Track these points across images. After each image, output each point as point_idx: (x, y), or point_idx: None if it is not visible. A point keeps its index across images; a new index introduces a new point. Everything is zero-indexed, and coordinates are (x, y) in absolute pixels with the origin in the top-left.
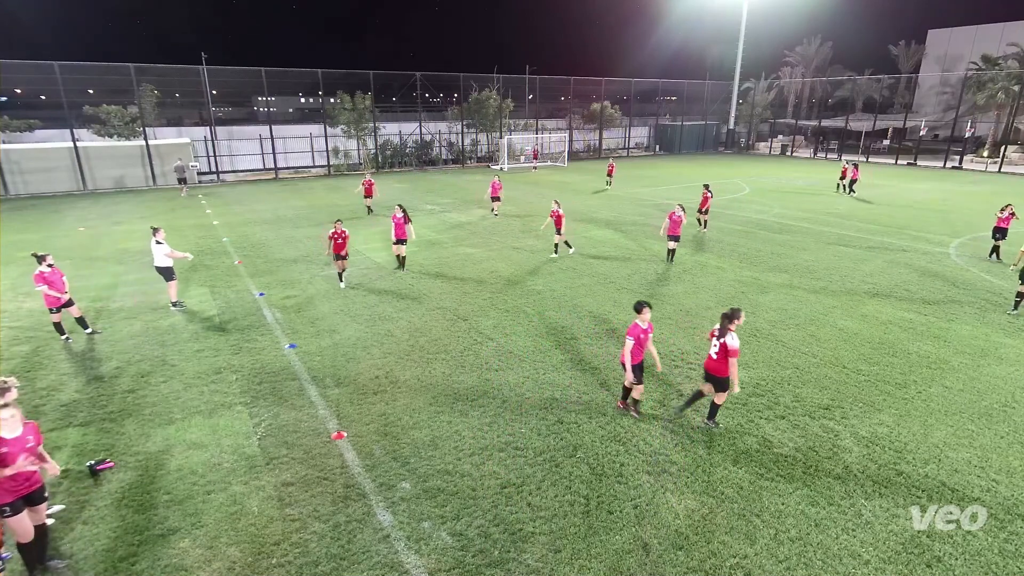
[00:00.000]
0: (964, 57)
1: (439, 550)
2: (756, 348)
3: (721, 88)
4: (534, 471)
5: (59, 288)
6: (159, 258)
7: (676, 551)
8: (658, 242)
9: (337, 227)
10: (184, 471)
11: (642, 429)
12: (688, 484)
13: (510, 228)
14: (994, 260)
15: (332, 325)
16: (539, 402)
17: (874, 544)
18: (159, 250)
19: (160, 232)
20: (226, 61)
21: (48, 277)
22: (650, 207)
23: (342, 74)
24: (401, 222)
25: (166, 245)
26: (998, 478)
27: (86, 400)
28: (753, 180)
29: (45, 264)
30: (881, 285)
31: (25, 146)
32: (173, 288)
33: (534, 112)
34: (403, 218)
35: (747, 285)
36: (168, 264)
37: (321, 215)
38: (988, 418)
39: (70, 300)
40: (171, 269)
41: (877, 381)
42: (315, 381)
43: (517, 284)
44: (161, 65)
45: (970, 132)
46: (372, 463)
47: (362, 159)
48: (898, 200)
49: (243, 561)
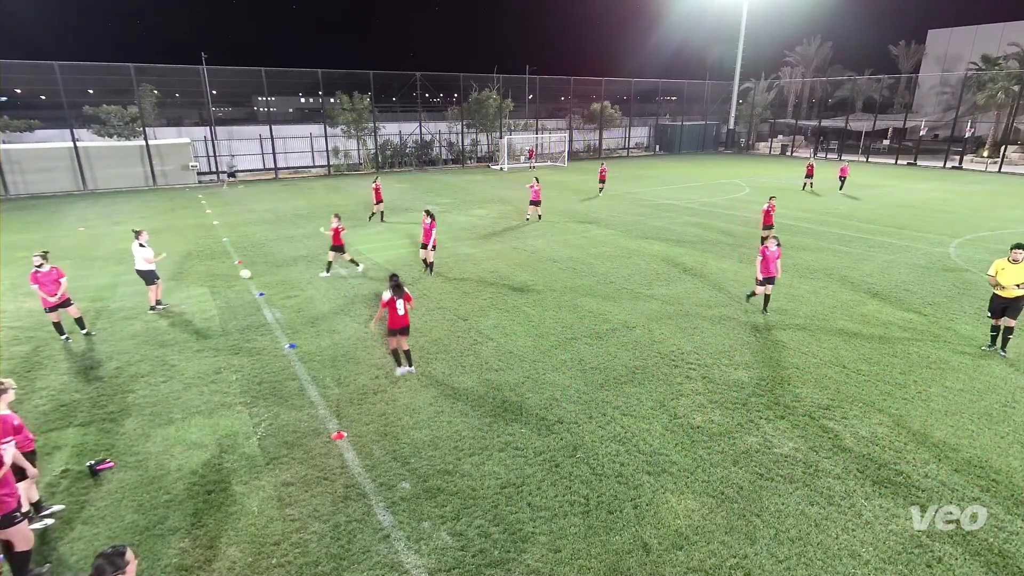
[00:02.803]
0: (964, 57)
1: (439, 550)
2: (756, 348)
3: (721, 88)
4: (534, 471)
5: (49, 291)
6: (140, 261)
7: (676, 551)
8: (658, 242)
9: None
10: (184, 471)
11: (642, 429)
12: (688, 484)
13: (510, 228)
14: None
15: (332, 325)
16: (539, 402)
17: (874, 544)
18: (141, 253)
19: (143, 235)
20: (226, 61)
21: (40, 278)
22: (650, 207)
23: (342, 74)
24: (429, 227)
25: (149, 249)
26: (998, 478)
27: (86, 400)
28: (753, 180)
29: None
30: (881, 285)
31: (25, 146)
32: (153, 291)
33: (534, 112)
34: (431, 223)
35: (748, 285)
36: (150, 267)
37: (321, 215)
38: (988, 418)
39: (68, 300)
40: (153, 272)
41: (877, 381)
42: (315, 381)
43: (517, 284)
44: (161, 65)
45: (970, 132)
46: (372, 463)
47: (362, 159)
48: (898, 200)
49: (243, 561)
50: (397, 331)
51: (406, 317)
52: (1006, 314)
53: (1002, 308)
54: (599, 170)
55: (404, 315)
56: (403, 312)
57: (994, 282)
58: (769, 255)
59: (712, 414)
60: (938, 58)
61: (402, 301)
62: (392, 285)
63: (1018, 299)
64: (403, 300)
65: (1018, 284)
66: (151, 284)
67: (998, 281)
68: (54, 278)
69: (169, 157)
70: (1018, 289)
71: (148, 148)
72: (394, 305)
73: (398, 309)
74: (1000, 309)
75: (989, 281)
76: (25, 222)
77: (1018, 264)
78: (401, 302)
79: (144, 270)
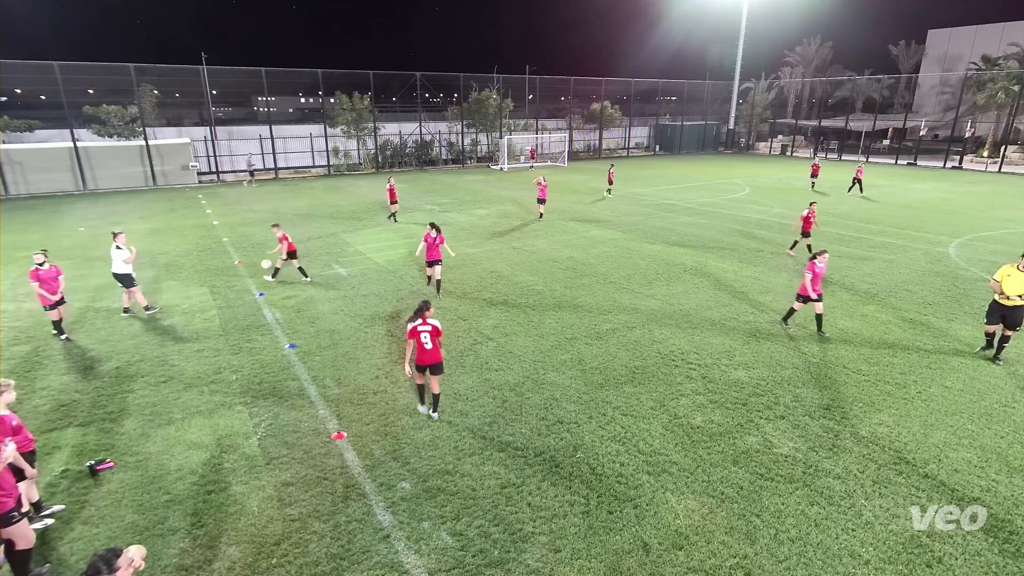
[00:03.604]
0: (964, 57)
1: (439, 550)
2: (756, 348)
3: (721, 88)
4: (534, 471)
5: (50, 288)
6: (118, 264)
7: (676, 551)
8: (657, 241)
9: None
10: (184, 471)
11: (642, 429)
12: (688, 484)
13: (510, 228)
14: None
15: (332, 325)
16: (539, 402)
17: (874, 544)
18: (119, 255)
19: (121, 237)
20: (226, 61)
21: (41, 275)
22: (650, 207)
23: (342, 74)
24: (433, 242)
25: (126, 251)
26: (998, 478)
27: (86, 400)
28: (753, 180)
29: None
30: (881, 285)
31: (25, 146)
32: (128, 295)
33: (534, 112)
34: (436, 237)
35: (748, 285)
36: (127, 271)
37: (322, 215)
38: (988, 418)
39: (62, 299)
40: (131, 276)
41: (877, 381)
42: (315, 381)
43: (517, 284)
44: (161, 65)
45: (970, 132)
46: (372, 463)
47: (362, 159)
48: (898, 200)
49: (243, 561)
50: (425, 368)
51: (435, 352)
52: (1004, 323)
53: (1000, 316)
54: (608, 172)
55: (433, 350)
56: (430, 346)
57: (998, 288)
58: (819, 271)
59: (712, 414)
60: (938, 58)
61: (428, 334)
62: (421, 314)
63: (1016, 308)
64: (429, 333)
65: (1020, 295)
66: (129, 287)
67: (1002, 289)
68: (54, 276)
69: (169, 157)
70: (1019, 299)
71: (148, 148)
72: (418, 337)
73: (423, 343)
74: (998, 317)
75: (992, 286)
76: (25, 222)
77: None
78: (427, 335)
79: (121, 273)
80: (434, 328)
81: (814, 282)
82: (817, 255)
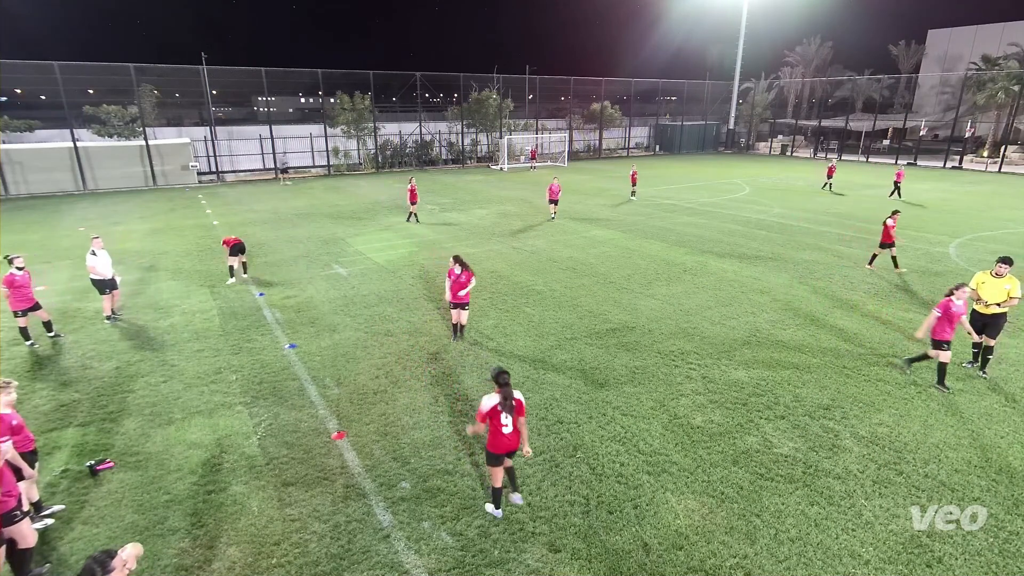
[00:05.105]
0: (964, 57)
1: (439, 550)
2: (756, 348)
3: (721, 88)
4: (534, 471)
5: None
6: (103, 269)
7: (676, 551)
8: (658, 242)
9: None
10: (184, 471)
11: (642, 429)
12: (688, 484)
13: (510, 228)
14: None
15: (332, 325)
16: (539, 402)
17: (874, 544)
18: (97, 261)
19: (98, 241)
20: (226, 61)
21: (19, 280)
22: (650, 207)
23: (342, 74)
24: (457, 279)
25: (104, 255)
26: (998, 478)
27: (86, 400)
28: (753, 180)
29: (15, 266)
30: (881, 285)
31: (25, 146)
32: (107, 301)
33: (534, 112)
34: (462, 272)
35: (747, 285)
36: (109, 275)
37: (322, 215)
38: (988, 418)
39: (37, 304)
40: (113, 280)
41: (877, 381)
42: (315, 381)
43: (517, 284)
44: (161, 65)
45: (970, 132)
46: (372, 463)
47: (362, 159)
48: (898, 200)
49: (243, 561)
50: (502, 455)
51: (515, 438)
52: (985, 332)
53: (981, 324)
54: (630, 173)
55: (513, 433)
56: (511, 430)
57: (976, 296)
58: (956, 311)
59: (712, 414)
60: (938, 58)
61: (509, 416)
62: (499, 386)
63: (996, 316)
64: (511, 415)
65: (998, 303)
66: (104, 294)
67: (979, 296)
68: (28, 280)
69: (169, 157)
70: (998, 307)
71: (148, 148)
72: (498, 418)
73: (503, 426)
74: (980, 325)
75: (971, 295)
76: (25, 222)
77: (1000, 279)
78: (508, 417)
79: (97, 279)
80: (518, 403)
81: (942, 325)
82: (955, 290)
